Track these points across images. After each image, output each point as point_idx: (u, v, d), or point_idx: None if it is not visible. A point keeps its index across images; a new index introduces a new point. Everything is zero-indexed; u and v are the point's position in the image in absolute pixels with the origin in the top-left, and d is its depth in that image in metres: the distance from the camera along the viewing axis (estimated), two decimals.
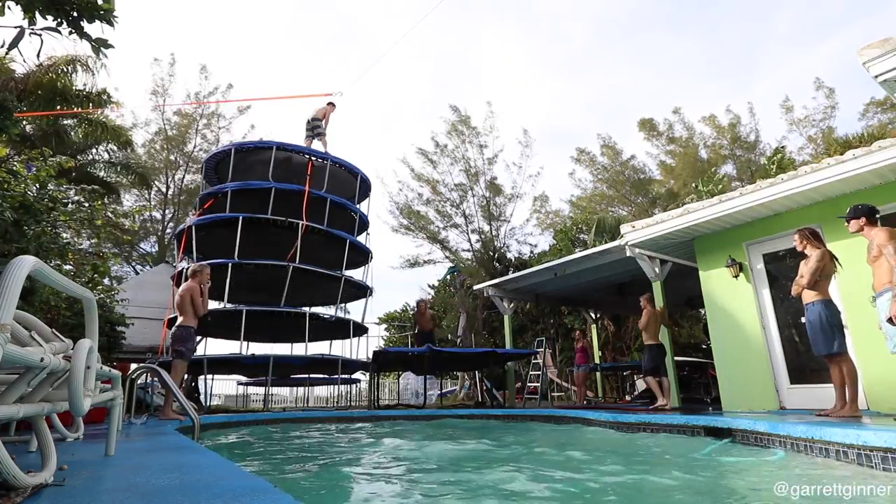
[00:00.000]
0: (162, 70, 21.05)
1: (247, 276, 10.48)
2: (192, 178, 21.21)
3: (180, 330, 5.73)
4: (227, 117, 22.41)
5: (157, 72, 21.00)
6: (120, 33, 2.69)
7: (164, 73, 21.06)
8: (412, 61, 58.87)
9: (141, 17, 42.63)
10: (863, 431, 2.94)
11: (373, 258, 12.67)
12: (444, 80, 51.67)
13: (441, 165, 20.25)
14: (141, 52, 42.52)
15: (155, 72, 20.99)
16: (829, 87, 20.22)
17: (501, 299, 11.72)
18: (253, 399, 18.68)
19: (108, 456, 2.37)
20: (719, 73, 39.57)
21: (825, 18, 36.64)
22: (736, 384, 6.62)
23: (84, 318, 2.16)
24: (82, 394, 1.62)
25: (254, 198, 10.88)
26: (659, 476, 2.89)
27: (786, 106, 21.23)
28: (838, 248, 5.75)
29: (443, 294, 22.13)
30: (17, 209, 3.73)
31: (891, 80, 4.43)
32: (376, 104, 60.29)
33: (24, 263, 1.42)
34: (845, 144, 12.96)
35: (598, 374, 13.40)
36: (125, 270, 20.52)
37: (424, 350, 9.37)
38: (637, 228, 7.65)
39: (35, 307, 4.01)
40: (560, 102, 48.52)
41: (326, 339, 13.10)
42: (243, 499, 1.39)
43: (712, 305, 7.12)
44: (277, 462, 3.69)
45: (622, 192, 22.86)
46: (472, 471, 3.18)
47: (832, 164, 5.49)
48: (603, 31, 48.03)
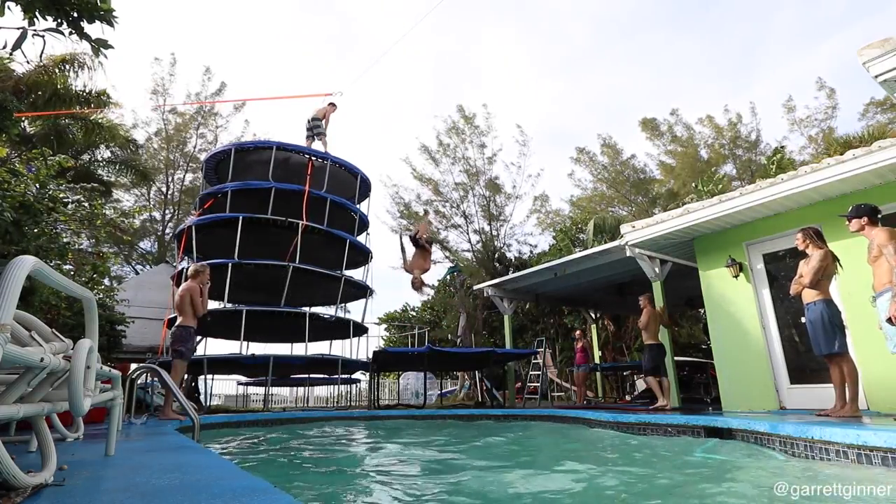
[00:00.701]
0: (163, 69, 21.08)
1: (247, 276, 10.48)
2: (193, 177, 21.21)
3: (180, 330, 5.74)
4: (224, 115, 22.46)
5: (157, 71, 21.04)
6: (120, 33, 2.69)
7: (165, 73, 21.09)
8: (412, 61, 58.92)
9: (140, 17, 42.68)
10: (863, 431, 2.94)
11: (373, 258, 12.68)
12: (444, 80, 51.74)
13: (442, 165, 20.30)
14: (140, 52, 42.54)
15: (155, 71, 21.02)
16: (831, 87, 20.26)
17: (501, 299, 11.73)
18: (253, 399, 18.68)
19: (108, 456, 2.37)
20: (719, 73, 39.64)
21: (826, 18, 36.68)
22: (736, 384, 6.62)
23: (84, 318, 2.16)
24: (82, 394, 1.62)
25: (254, 198, 10.88)
26: (658, 476, 2.89)
27: (787, 106, 21.24)
28: (838, 248, 5.74)
29: (443, 294, 22.12)
30: (17, 209, 3.73)
31: (891, 80, 4.43)
32: (376, 104, 60.35)
33: (24, 263, 1.42)
34: (845, 145, 12.95)
35: (598, 374, 13.40)
36: (125, 270, 20.52)
37: (425, 350, 9.37)
38: (637, 228, 7.65)
39: (35, 307, 4.01)
40: (560, 102, 48.58)
41: (326, 339, 13.11)
42: (243, 499, 1.39)
43: (712, 305, 7.12)
44: (277, 462, 3.69)
45: (622, 191, 22.87)
46: (472, 471, 3.18)
47: (832, 164, 5.49)
48: (603, 31, 48.08)
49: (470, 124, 20.17)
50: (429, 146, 20.34)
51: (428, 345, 9.63)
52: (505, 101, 48.46)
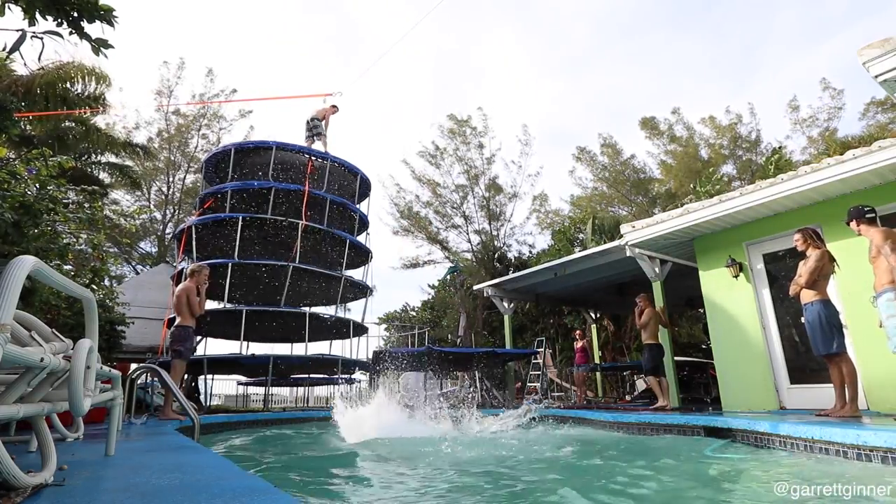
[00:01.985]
0: (169, 72, 21.20)
1: (247, 276, 10.48)
2: (194, 178, 21.24)
3: (178, 330, 5.76)
4: (229, 119, 22.52)
5: (164, 74, 21.17)
6: (120, 33, 2.69)
7: (172, 76, 21.23)
8: (413, 61, 58.91)
9: (140, 17, 42.69)
10: (863, 431, 2.94)
11: (373, 258, 12.68)
12: (444, 80, 51.70)
13: (442, 166, 20.32)
14: (140, 52, 42.54)
15: (163, 74, 21.16)
16: (836, 87, 20.22)
17: (501, 299, 11.73)
18: (253, 399, 18.67)
19: (108, 456, 2.37)
20: (720, 73, 39.60)
21: (827, 18, 36.65)
22: (736, 384, 6.62)
23: (84, 318, 2.16)
24: (82, 394, 1.62)
25: (254, 197, 10.89)
26: (658, 476, 2.89)
27: (792, 105, 21.20)
28: (838, 247, 5.75)
29: (443, 294, 22.12)
30: (16, 209, 3.72)
31: (891, 80, 4.43)
32: (376, 104, 60.34)
33: (24, 263, 1.42)
34: (844, 146, 12.96)
35: (598, 374, 13.40)
36: (125, 270, 20.52)
37: (424, 350, 9.38)
38: (637, 228, 7.65)
39: (35, 307, 4.01)
40: (560, 102, 48.48)
41: (326, 339, 13.11)
42: (243, 499, 1.39)
43: (712, 305, 7.12)
44: (277, 462, 3.69)
45: (622, 191, 22.88)
46: (472, 470, 3.18)
47: (832, 164, 5.49)
48: (603, 30, 48.03)
49: (467, 127, 20.23)
50: (427, 149, 20.40)
51: (427, 345, 9.61)
52: (505, 101, 48.46)
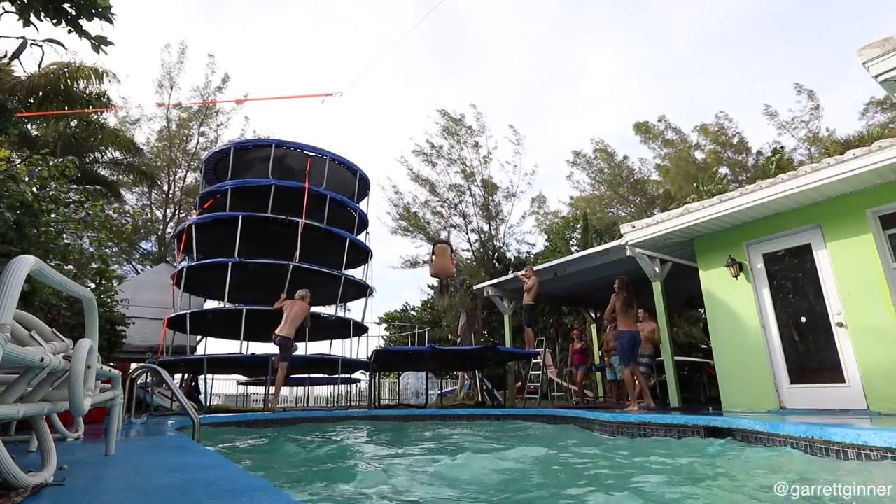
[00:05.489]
0: (171, 58, 21.21)
1: (247, 275, 10.48)
2: (194, 177, 21.24)
3: (286, 340, 7.54)
4: (226, 112, 22.53)
5: (166, 59, 21.17)
6: (120, 33, 2.69)
7: (174, 61, 21.24)
8: (413, 61, 58.85)
9: (139, 16, 42.69)
10: (863, 431, 2.94)
11: (372, 257, 12.67)
12: (445, 80, 51.66)
13: (438, 165, 20.36)
14: (139, 51, 42.53)
15: (164, 59, 21.15)
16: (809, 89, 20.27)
17: (501, 299, 11.72)
18: (253, 399, 18.69)
19: (108, 456, 2.37)
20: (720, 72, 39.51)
21: (830, 18, 36.59)
22: (736, 384, 6.61)
23: (84, 318, 2.16)
24: (82, 393, 1.62)
25: (254, 196, 10.88)
26: (657, 476, 2.89)
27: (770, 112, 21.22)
28: (838, 247, 5.76)
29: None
30: (17, 209, 3.72)
31: (891, 80, 4.43)
32: (376, 104, 60.34)
33: (25, 263, 1.41)
34: (844, 146, 12.97)
35: (598, 375, 13.39)
36: (125, 270, 20.52)
37: (425, 350, 9.37)
38: (637, 228, 7.65)
39: (35, 307, 4.01)
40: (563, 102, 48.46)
41: (326, 339, 13.11)
42: (243, 499, 1.39)
43: (712, 305, 7.12)
44: (277, 461, 3.69)
45: (620, 192, 22.91)
46: (471, 471, 3.18)
47: (832, 163, 5.48)
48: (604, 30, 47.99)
49: (462, 125, 20.31)
50: (422, 148, 20.45)
51: (430, 344, 9.61)
52: (506, 101, 48.40)
